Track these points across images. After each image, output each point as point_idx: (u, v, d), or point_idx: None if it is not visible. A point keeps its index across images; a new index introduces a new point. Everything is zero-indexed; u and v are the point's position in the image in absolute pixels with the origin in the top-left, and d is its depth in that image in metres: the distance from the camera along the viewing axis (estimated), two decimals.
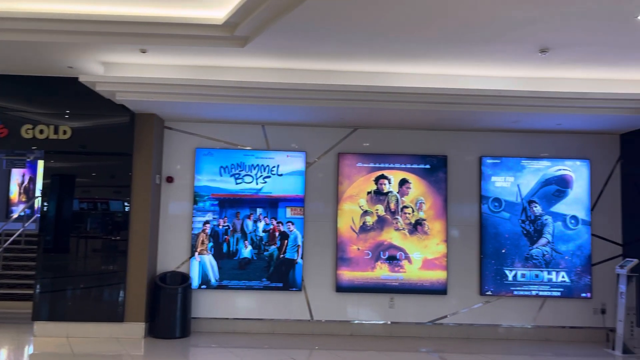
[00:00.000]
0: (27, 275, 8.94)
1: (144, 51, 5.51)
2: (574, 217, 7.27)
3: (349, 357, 6.04)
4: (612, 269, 7.02)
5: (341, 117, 6.83)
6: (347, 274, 7.16)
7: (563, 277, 7.19)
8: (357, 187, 7.28)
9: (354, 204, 7.26)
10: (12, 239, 9.77)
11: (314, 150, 7.37)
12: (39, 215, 7.13)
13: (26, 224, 10.47)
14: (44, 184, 6.97)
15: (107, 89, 5.98)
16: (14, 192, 13.63)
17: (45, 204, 6.90)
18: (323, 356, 6.21)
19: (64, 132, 6.65)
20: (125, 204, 6.85)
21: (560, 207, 7.27)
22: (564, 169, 7.33)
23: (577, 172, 7.33)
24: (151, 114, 6.88)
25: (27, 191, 13.74)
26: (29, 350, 6.27)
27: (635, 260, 6.55)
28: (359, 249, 7.20)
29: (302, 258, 7.18)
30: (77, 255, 6.84)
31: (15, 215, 11.32)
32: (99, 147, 6.79)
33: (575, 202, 7.28)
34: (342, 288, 7.16)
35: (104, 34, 5.22)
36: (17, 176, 13.80)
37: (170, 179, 7.26)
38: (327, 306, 7.18)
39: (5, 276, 9.07)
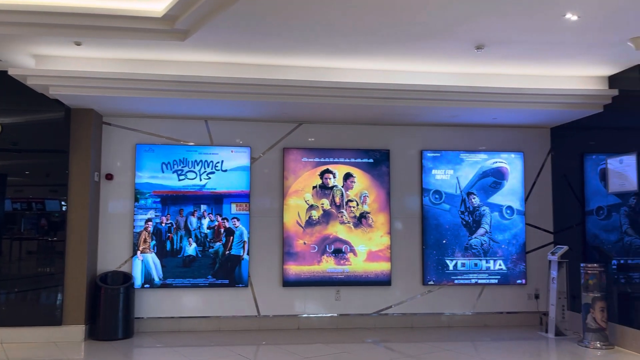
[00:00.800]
0: None
1: (78, 44, 5.30)
2: (509, 207, 7.60)
3: (296, 351, 6.08)
4: (544, 256, 7.41)
5: (285, 112, 6.84)
6: (294, 269, 7.20)
7: (500, 265, 7.52)
8: (303, 182, 7.32)
9: (300, 198, 7.30)
10: None
11: (258, 146, 7.34)
12: None
13: None
14: None
15: (40, 83, 5.72)
16: None
17: None
18: (270, 351, 6.22)
19: None
20: (62, 203, 6.59)
21: (496, 198, 7.59)
22: (499, 162, 7.65)
23: (512, 164, 7.67)
24: (88, 109, 6.64)
25: None
26: None
27: (565, 247, 6.94)
28: (305, 243, 7.24)
29: (248, 254, 7.15)
30: (11, 257, 6.52)
31: None
32: (33, 144, 6.50)
33: (510, 193, 7.62)
34: (288, 282, 7.18)
35: (36, 25, 4.99)
36: None
37: (109, 177, 7.04)
38: (274, 301, 7.19)
39: None
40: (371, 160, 7.43)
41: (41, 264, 6.60)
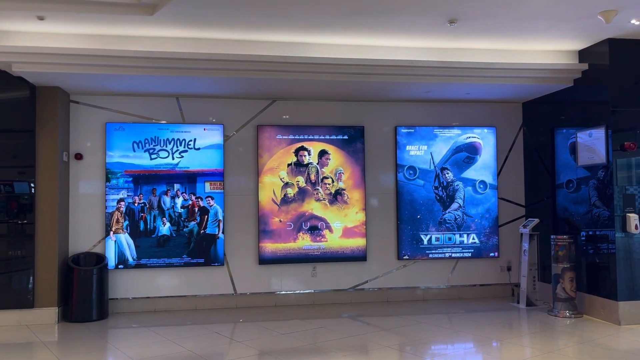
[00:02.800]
0: None
1: (41, 18, 5.11)
2: (482, 182, 7.70)
3: (273, 327, 6.12)
4: (516, 229, 7.56)
5: (258, 89, 6.75)
6: (270, 246, 7.20)
7: (473, 238, 7.65)
8: (278, 160, 7.28)
9: (275, 176, 7.26)
10: None
11: (232, 123, 7.25)
12: None
13: None
14: None
15: (2, 60, 5.52)
16: None
17: None
18: (247, 328, 6.24)
19: None
20: (30, 184, 6.43)
21: (470, 173, 7.68)
22: (473, 137, 7.72)
23: (484, 139, 7.74)
24: (54, 87, 6.44)
25: None
26: None
27: (536, 220, 7.08)
28: (280, 220, 7.23)
29: (223, 232, 7.11)
30: None
31: None
32: (1, 123, 6.30)
33: (483, 168, 7.71)
34: (265, 260, 7.19)
35: None
36: None
37: (79, 156, 6.88)
38: (250, 279, 7.20)
39: None
40: (346, 137, 7.42)
41: (11, 247, 6.46)
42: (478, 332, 5.88)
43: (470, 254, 7.64)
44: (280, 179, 7.27)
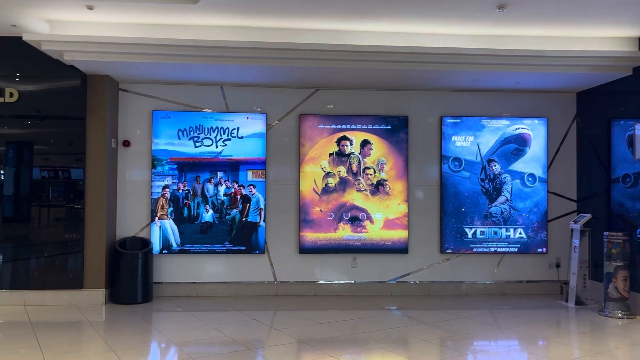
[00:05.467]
0: None
1: (90, 7, 5.24)
2: (531, 175, 7.42)
3: (312, 316, 6.11)
4: (566, 224, 7.25)
5: (301, 78, 6.72)
6: (310, 236, 7.19)
7: (520, 233, 7.39)
8: (319, 149, 7.24)
9: (316, 165, 7.23)
10: None
11: (274, 112, 7.26)
12: None
13: None
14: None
15: (54, 49, 5.70)
16: None
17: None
18: (287, 316, 6.26)
19: (11, 95, 6.36)
20: (81, 170, 6.64)
21: (518, 166, 7.41)
22: (522, 128, 7.44)
23: (535, 131, 7.45)
24: (104, 75, 6.62)
25: None
26: None
27: (588, 216, 6.77)
28: (321, 210, 7.21)
29: (264, 221, 7.15)
30: (34, 224, 6.63)
31: None
32: (50, 111, 6.54)
33: (532, 160, 7.42)
34: (305, 249, 7.19)
35: None
36: None
37: (126, 143, 7.06)
38: (290, 267, 7.22)
39: None
40: (389, 127, 7.29)
41: (62, 230, 6.72)
42: (523, 330, 5.68)
43: (516, 249, 7.39)
44: (322, 169, 7.23)
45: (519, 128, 7.43)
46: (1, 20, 5.64)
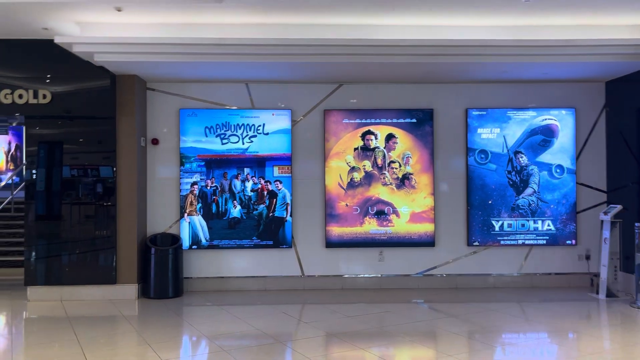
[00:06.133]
0: (18, 243, 8.95)
1: (119, 9, 5.36)
2: (559, 166, 7.32)
3: (340, 310, 6.17)
4: (596, 216, 7.14)
5: (325, 73, 6.75)
6: (336, 230, 7.24)
7: (549, 225, 7.31)
8: (344, 144, 7.27)
9: (341, 160, 7.27)
10: (1, 206, 9.74)
11: (299, 108, 7.31)
12: (27, 182, 7.05)
13: (15, 192, 10.40)
14: (27, 151, 6.90)
15: (85, 50, 5.84)
16: (1, 160, 13.49)
17: (31, 171, 6.84)
18: (315, 310, 6.34)
19: (44, 97, 6.55)
20: (112, 168, 6.81)
21: (545, 157, 7.32)
22: (549, 119, 7.34)
23: (562, 121, 7.34)
24: (132, 75, 6.76)
25: (15, 159, 13.61)
26: (24, 314, 6.34)
27: (619, 207, 6.66)
28: (347, 205, 7.25)
29: (291, 216, 7.23)
30: (66, 221, 6.83)
31: (2, 184, 11.23)
32: (81, 111, 6.72)
33: (560, 151, 7.33)
34: (331, 244, 7.24)
35: None
36: (3, 144, 13.63)
37: (155, 141, 7.20)
38: (317, 262, 7.29)
39: None
40: (414, 120, 7.28)
41: (95, 227, 6.89)
42: (553, 322, 5.64)
43: (545, 241, 7.32)
44: (347, 163, 7.26)
45: (546, 119, 7.33)
46: (33, 24, 5.81)
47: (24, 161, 12.36)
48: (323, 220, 7.27)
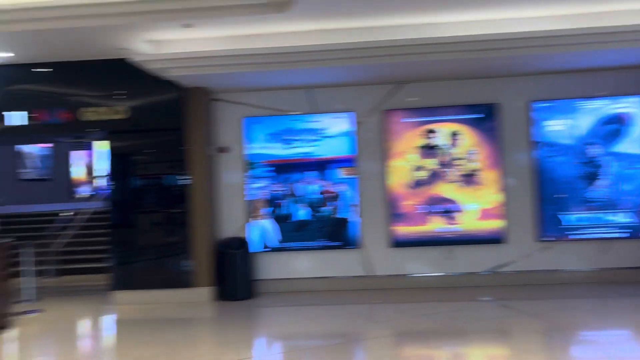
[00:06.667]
0: (95, 250, 9.51)
1: (188, 26, 5.61)
2: (635, 155, 7.01)
3: (409, 309, 6.19)
4: None
5: (386, 74, 6.78)
6: (402, 230, 7.25)
7: (626, 217, 7.01)
8: (406, 143, 7.27)
9: (404, 159, 7.27)
10: (80, 217, 10.39)
11: (361, 109, 7.38)
12: (105, 193, 7.51)
13: (92, 203, 11.07)
14: (107, 164, 7.34)
15: (157, 67, 6.17)
16: (78, 173, 14.35)
17: (110, 182, 7.29)
18: (383, 309, 6.38)
19: (121, 112, 6.95)
20: (183, 177, 7.12)
21: (621, 146, 7.02)
22: (622, 107, 7.04)
23: (637, 109, 7.02)
24: (199, 87, 7.05)
25: (90, 172, 14.44)
26: (111, 317, 6.77)
27: None
28: (411, 204, 7.24)
29: (356, 216, 7.30)
30: (144, 228, 7.21)
31: (81, 195, 11.97)
32: (154, 124, 7.08)
33: (636, 140, 7.00)
34: (397, 243, 7.26)
35: (148, 13, 5.34)
36: (80, 158, 14.50)
37: (223, 149, 7.47)
38: (383, 261, 7.33)
39: (76, 252, 9.70)
40: (478, 116, 7.18)
41: (172, 233, 7.21)
42: (635, 319, 5.41)
43: (622, 235, 7.02)
44: (410, 162, 7.26)
45: (618, 107, 7.04)
46: (110, 45, 6.18)
47: (103, 173, 13.13)
48: (387, 220, 7.30)
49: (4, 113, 6.90)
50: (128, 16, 5.37)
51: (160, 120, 7.07)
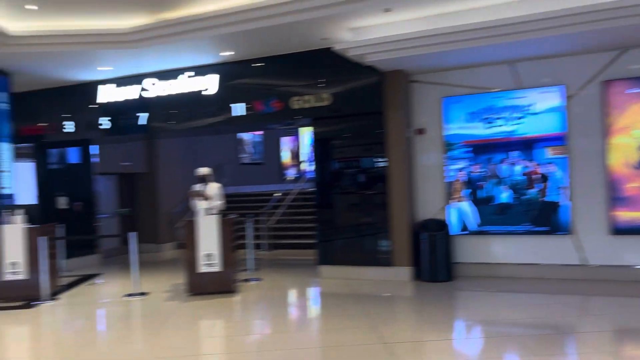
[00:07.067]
0: (303, 228, 10.35)
1: (388, 10, 5.72)
2: None
3: (632, 303, 5.49)
4: None
5: (605, 39, 6.01)
6: (625, 215, 6.42)
7: None
8: (630, 117, 6.39)
9: (627, 136, 6.41)
10: (289, 197, 11.40)
11: (572, 82, 6.70)
12: (310, 176, 8.10)
13: (299, 184, 12.06)
14: (310, 148, 7.91)
15: (357, 53, 6.42)
16: (287, 157, 15.74)
17: (315, 165, 7.83)
18: (599, 302, 5.77)
19: (324, 100, 7.40)
20: (382, 159, 7.32)
21: None
22: None
23: None
24: (397, 70, 7.13)
25: (296, 156, 15.72)
26: (318, 289, 7.34)
27: None
28: (637, 186, 6.36)
29: (567, 200, 6.69)
30: (345, 208, 7.62)
31: (289, 178, 13.13)
32: (353, 109, 7.38)
33: None
34: (618, 230, 6.46)
35: (352, 1, 5.58)
36: (288, 143, 15.88)
37: (420, 131, 7.47)
38: (600, 250, 6.60)
39: (286, 229, 10.69)
40: None
41: (375, 214, 7.45)
42: None
43: None
44: (635, 139, 6.37)
45: None
46: (315, 37, 6.62)
47: (307, 157, 14.22)
48: (606, 204, 6.53)
49: (231, 105, 7.88)
50: (333, 7, 5.70)
51: (360, 105, 7.34)
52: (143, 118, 8.41)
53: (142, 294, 6.90)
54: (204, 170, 7.21)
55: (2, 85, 7.76)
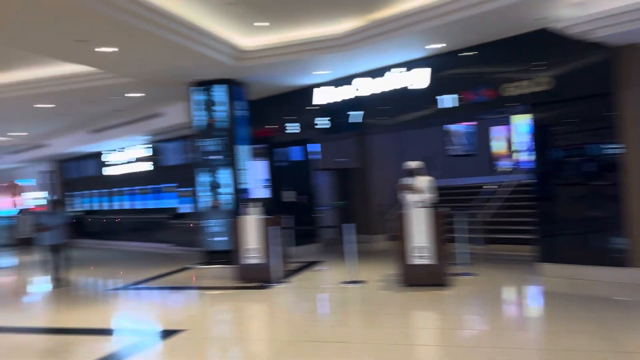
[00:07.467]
0: (520, 222, 9.72)
1: None
2: None
3: None
4: None
5: None
6: None
7: None
8: None
9: None
10: (503, 190, 10.82)
11: None
12: (525, 166, 7.56)
13: (512, 176, 11.38)
14: (528, 136, 7.37)
15: (581, 30, 5.83)
16: (498, 147, 14.91)
17: (534, 155, 7.28)
18: None
19: (543, 83, 6.84)
20: (614, 145, 6.48)
21: None
22: None
23: None
24: (632, 44, 6.22)
25: (509, 145, 14.79)
26: (537, 287, 6.85)
27: None
28: None
29: None
30: (569, 201, 6.93)
31: (502, 169, 12.47)
32: (577, 91, 6.69)
33: None
34: None
35: None
36: (499, 133, 15.03)
37: None
38: None
39: (502, 223, 10.17)
40: None
41: (596, 208, 6.69)
42: None
43: None
44: None
45: None
46: (530, 17, 6.17)
47: (522, 146, 13.30)
48: None
49: (437, 97, 7.83)
50: None
51: (585, 86, 6.60)
52: (355, 116, 8.88)
53: (358, 282, 7.31)
54: (412, 164, 7.30)
55: (240, 94, 8.98)
